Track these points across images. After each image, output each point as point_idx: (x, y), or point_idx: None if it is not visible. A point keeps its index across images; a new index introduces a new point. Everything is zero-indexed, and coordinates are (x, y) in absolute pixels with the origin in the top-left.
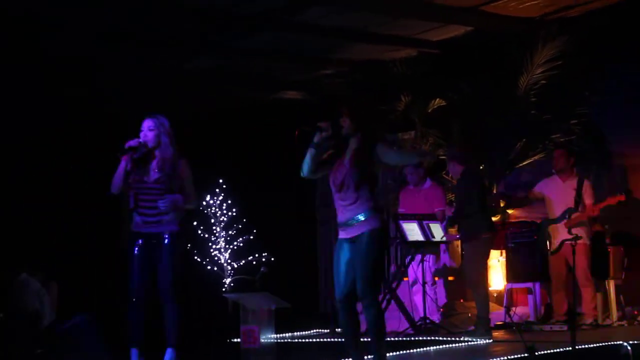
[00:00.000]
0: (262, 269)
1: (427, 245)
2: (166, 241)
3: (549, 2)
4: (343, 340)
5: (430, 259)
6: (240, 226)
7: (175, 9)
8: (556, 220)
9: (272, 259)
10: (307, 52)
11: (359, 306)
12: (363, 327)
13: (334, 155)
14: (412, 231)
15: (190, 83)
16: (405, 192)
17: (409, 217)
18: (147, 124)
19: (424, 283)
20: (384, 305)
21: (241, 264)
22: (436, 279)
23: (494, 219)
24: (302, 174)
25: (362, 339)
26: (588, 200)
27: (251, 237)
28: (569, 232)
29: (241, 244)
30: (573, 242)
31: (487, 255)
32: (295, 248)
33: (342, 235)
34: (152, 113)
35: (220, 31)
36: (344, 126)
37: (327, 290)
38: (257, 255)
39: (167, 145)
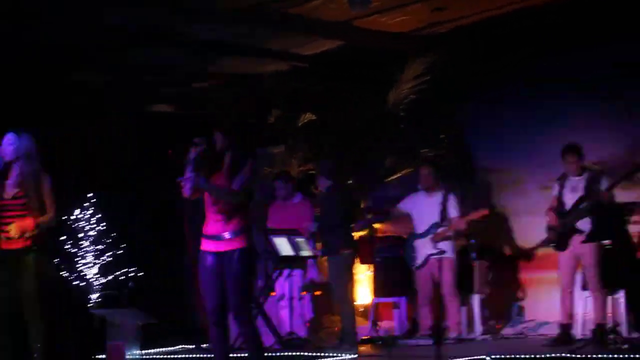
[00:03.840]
0: (129, 284)
1: (295, 260)
2: (27, 258)
3: (420, 18)
4: (212, 354)
5: (297, 273)
6: (109, 241)
7: (57, 22)
8: (422, 235)
9: (141, 274)
10: (180, 65)
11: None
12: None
13: (211, 170)
14: (283, 246)
15: (66, 96)
16: (275, 207)
17: (278, 232)
18: (7, 138)
19: (291, 298)
20: None
21: (109, 279)
22: (303, 293)
23: (361, 233)
24: (184, 195)
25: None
26: (454, 214)
27: (119, 252)
28: (434, 247)
29: (109, 259)
30: (439, 256)
31: (350, 270)
32: (164, 263)
33: (209, 247)
34: (15, 129)
35: (97, 45)
36: (217, 141)
37: (194, 305)
38: (125, 270)
39: (26, 161)
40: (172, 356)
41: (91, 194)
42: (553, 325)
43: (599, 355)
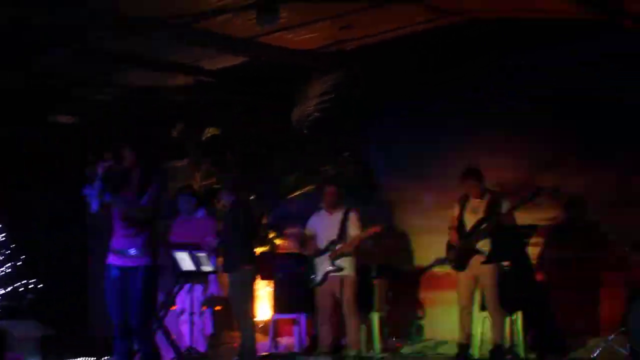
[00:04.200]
0: (29, 296)
1: (196, 275)
2: None
3: (326, 36)
4: None
5: (198, 288)
6: (7, 252)
7: None
8: (320, 253)
9: (40, 285)
10: (83, 76)
11: None
12: None
13: (119, 186)
14: (184, 261)
15: None
16: (178, 221)
17: (180, 247)
18: None
19: (192, 313)
20: None
21: (8, 290)
22: (204, 308)
23: (262, 249)
24: (92, 210)
25: None
26: (354, 232)
27: (19, 263)
28: (332, 264)
29: (9, 270)
30: (338, 274)
31: (250, 286)
32: (64, 275)
33: (116, 261)
34: None
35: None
36: (125, 157)
37: (96, 317)
38: (24, 281)
39: None
40: None
41: None
42: (452, 345)
43: None
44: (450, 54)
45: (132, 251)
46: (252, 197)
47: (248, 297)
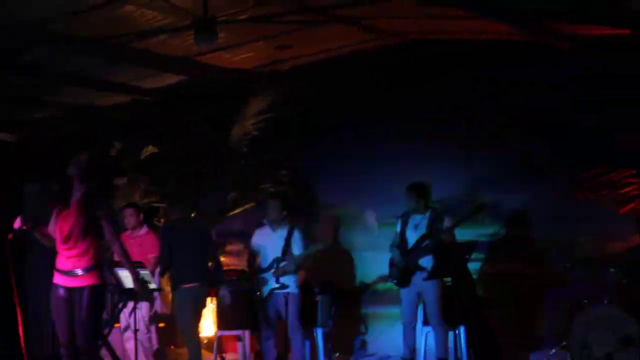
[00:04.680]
0: None
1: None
2: None
3: (262, 55)
4: None
5: (144, 306)
6: None
7: None
8: (265, 270)
9: None
10: (19, 93)
11: None
12: None
13: (61, 205)
14: (127, 278)
15: None
16: (121, 238)
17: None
18: None
19: (136, 330)
20: None
21: None
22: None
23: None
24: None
25: None
26: (297, 250)
27: None
28: (277, 282)
29: None
30: (282, 291)
31: (197, 303)
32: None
33: (61, 281)
34: None
35: None
36: (72, 176)
37: (35, 336)
38: None
39: None
40: None
41: None
42: (395, 359)
43: None
44: (400, 74)
45: (79, 272)
46: (193, 215)
47: (194, 313)
